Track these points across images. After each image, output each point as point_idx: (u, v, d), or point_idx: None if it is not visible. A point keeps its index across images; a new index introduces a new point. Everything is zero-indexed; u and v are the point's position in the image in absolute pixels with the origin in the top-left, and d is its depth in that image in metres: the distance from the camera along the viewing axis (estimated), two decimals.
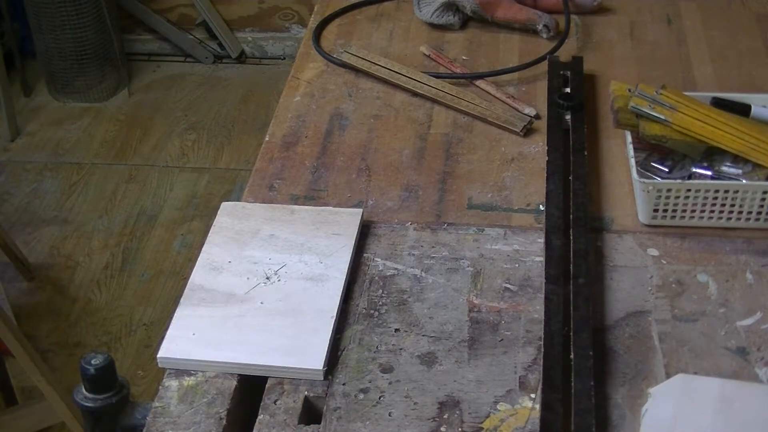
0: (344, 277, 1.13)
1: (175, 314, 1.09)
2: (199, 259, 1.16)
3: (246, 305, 1.09)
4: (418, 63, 1.55)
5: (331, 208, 1.24)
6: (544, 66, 1.49)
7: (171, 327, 1.07)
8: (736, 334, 1.06)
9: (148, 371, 2.33)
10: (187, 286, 1.12)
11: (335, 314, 1.08)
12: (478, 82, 1.49)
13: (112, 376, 1.00)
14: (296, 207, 1.24)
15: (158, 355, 1.04)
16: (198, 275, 1.14)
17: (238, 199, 1.28)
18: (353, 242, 1.17)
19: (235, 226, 1.21)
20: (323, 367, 1.02)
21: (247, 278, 1.13)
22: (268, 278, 1.13)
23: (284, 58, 3.56)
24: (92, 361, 0.99)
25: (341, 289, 1.11)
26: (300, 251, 1.16)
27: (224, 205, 1.25)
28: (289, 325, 1.06)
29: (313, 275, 1.13)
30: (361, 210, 1.23)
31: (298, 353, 1.03)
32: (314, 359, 1.02)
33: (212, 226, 1.21)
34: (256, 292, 1.11)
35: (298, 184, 1.31)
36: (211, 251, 1.17)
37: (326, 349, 1.03)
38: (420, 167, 1.33)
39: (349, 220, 1.21)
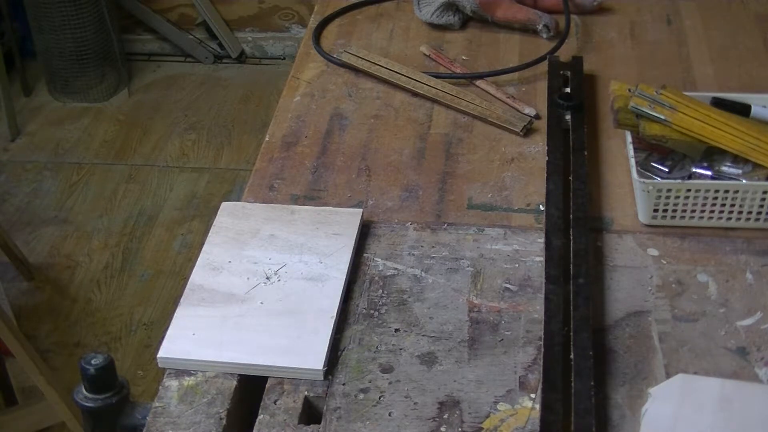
0: (344, 277, 1.13)
1: (175, 314, 1.09)
2: (199, 259, 1.16)
3: (246, 305, 1.09)
4: (418, 63, 1.55)
5: (331, 208, 1.24)
6: (544, 66, 1.49)
7: (171, 327, 1.07)
8: (736, 334, 1.06)
9: (148, 371, 2.33)
10: (187, 286, 1.12)
11: (335, 314, 1.08)
12: (478, 82, 1.49)
13: (112, 376, 1.00)
14: (296, 207, 1.24)
15: (158, 355, 1.04)
16: (198, 275, 1.14)
17: (238, 199, 1.28)
18: (353, 242, 1.17)
19: (235, 226, 1.21)
20: (323, 367, 1.02)
21: (247, 278, 1.13)
22: (268, 278, 1.13)
23: (284, 58, 3.56)
24: (92, 361, 0.99)
25: (341, 289, 1.11)
26: (300, 251, 1.16)
27: (224, 205, 1.25)
28: (289, 325, 1.06)
29: (313, 275, 1.13)
30: (361, 210, 1.22)
31: (298, 353, 1.03)
32: (314, 359, 1.02)
33: (212, 226, 1.21)
34: (256, 292, 1.11)
35: (298, 184, 1.31)
36: (211, 251, 1.17)
37: (326, 349, 1.03)
38: (420, 167, 1.33)
39: (349, 220, 1.21)
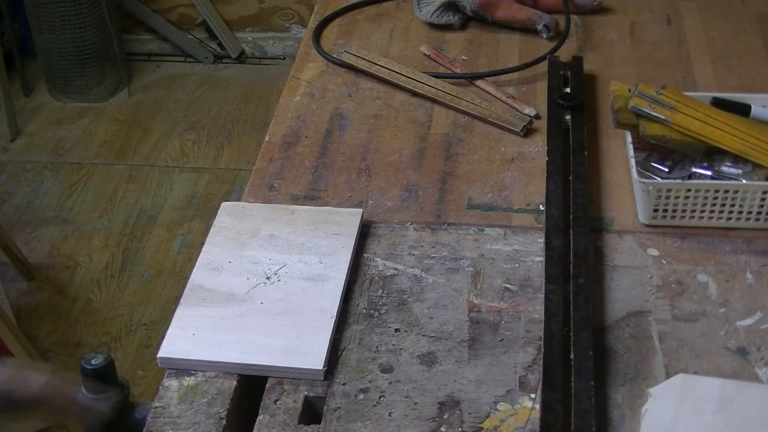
0: (344, 277, 1.13)
1: (175, 314, 1.09)
2: (199, 259, 1.16)
3: (246, 305, 1.09)
4: (418, 63, 1.55)
5: (331, 208, 1.24)
6: (544, 66, 1.49)
7: (171, 327, 1.07)
8: (736, 334, 1.06)
9: (148, 371, 2.33)
10: (187, 286, 1.12)
11: (335, 314, 1.08)
12: (478, 82, 1.49)
13: (112, 376, 1.00)
14: (296, 207, 1.24)
15: (158, 355, 1.04)
16: (198, 275, 1.14)
17: (238, 199, 1.28)
18: (353, 242, 1.17)
19: (235, 226, 1.21)
20: (323, 367, 1.02)
21: (247, 278, 1.13)
22: (268, 278, 1.13)
23: (284, 58, 3.56)
24: (92, 361, 0.99)
25: (341, 289, 1.11)
26: (300, 251, 1.16)
27: (224, 205, 1.25)
28: (289, 325, 1.06)
29: (313, 275, 1.13)
30: (361, 210, 1.22)
31: (298, 353, 1.03)
32: (314, 359, 1.02)
33: (212, 226, 1.21)
34: (256, 292, 1.11)
35: (298, 184, 1.31)
36: (211, 251, 1.17)
37: (326, 349, 1.03)
38: (420, 167, 1.33)
39: (349, 220, 1.21)
